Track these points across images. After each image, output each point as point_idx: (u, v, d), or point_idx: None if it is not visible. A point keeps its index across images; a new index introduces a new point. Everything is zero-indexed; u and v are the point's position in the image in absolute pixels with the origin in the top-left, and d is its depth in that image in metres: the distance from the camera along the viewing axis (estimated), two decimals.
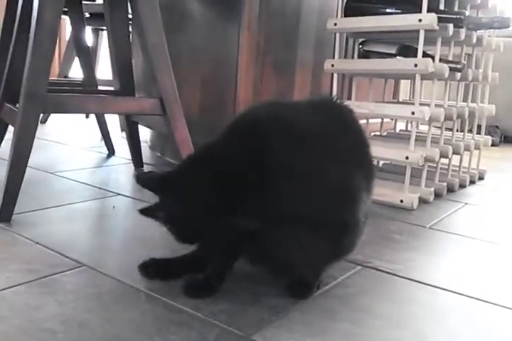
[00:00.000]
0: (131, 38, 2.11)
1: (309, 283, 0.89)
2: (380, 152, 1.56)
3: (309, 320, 0.81)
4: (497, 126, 3.15)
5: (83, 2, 2.06)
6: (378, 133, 1.97)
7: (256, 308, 0.83)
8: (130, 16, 1.76)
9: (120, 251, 1.07)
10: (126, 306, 0.81)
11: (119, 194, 1.48)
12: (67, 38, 3.21)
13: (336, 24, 1.61)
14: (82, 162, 1.94)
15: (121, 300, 0.83)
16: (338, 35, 1.66)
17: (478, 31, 1.71)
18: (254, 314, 0.81)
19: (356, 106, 1.60)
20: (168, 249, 1.09)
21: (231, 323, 0.77)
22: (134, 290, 0.87)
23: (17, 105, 1.30)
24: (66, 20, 2.47)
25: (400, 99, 2.25)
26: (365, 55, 1.70)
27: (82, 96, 1.36)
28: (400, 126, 2.17)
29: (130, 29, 2.02)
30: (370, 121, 1.85)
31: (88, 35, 2.96)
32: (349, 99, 1.77)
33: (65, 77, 2.90)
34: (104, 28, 2.87)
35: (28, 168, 1.21)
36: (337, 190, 0.84)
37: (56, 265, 0.95)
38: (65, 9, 2.03)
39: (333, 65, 1.62)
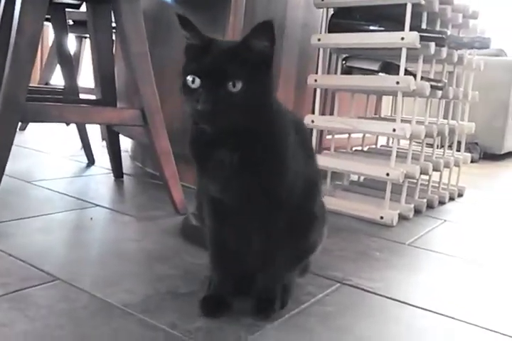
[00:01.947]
0: (114, 46, 2.10)
1: (272, 298, 0.87)
2: (362, 168, 1.57)
3: (286, 340, 0.79)
4: (477, 143, 3.20)
5: (66, 9, 2.04)
6: (360, 148, 1.98)
7: (233, 327, 0.81)
8: (114, 25, 1.75)
9: (96, 265, 1.05)
10: (99, 322, 0.79)
11: (97, 205, 1.46)
12: (50, 44, 3.17)
13: (319, 39, 1.62)
14: (61, 171, 1.91)
15: (95, 316, 0.81)
16: (321, 50, 1.67)
17: (459, 50, 1.74)
18: (231, 332, 0.79)
19: (339, 122, 1.61)
20: (144, 264, 1.07)
21: None
22: (109, 306, 0.85)
23: None
24: (50, 26, 2.45)
25: (382, 115, 2.27)
26: (348, 70, 1.71)
27: (62, 106, 1.34)
28: (382, 140, 2.18)
29: (114, 37, 2.01)
30: (352, 135, 1.86)
31: (71, 42, 2.94)
32: (331, 113, 1.78)
33: (47, 83, 2.86)
34: (88, 35, 2.85)
35: (4, 176, 1.18)
36: (312, 181, 0.89)
37: (28, 278, 0.92)
38: (48, 16, 2.01)
39: (316, 80, 1.63)
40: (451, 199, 1.94)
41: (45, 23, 2.28)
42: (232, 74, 0.72)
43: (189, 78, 0.73)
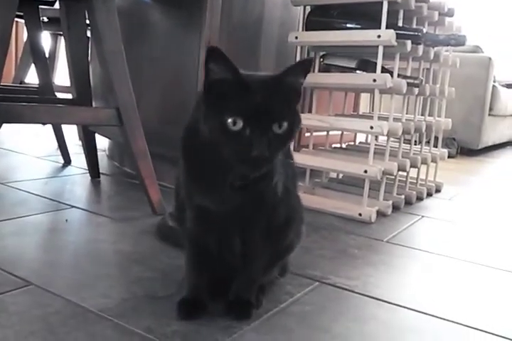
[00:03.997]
0: (89, 44, 2.07)
1: (247, 299, 0.86)
2: (340, 165, 1.57)
3: None
4: (454, 138, 3.23)
5: (40, 6, 2.00)
6: (339, 145, 1.98)
7: (210, 329, 0.80)
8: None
9: (70, 268, 1.03)
10: (73, 328, 0.78)
11: (73, 206, 1.43)
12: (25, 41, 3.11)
13: (297, 37, 1.61)
14: (36, 172, 1.87)
15: (69, 321, 0.80)
16: (299, 48, 1.66)
17: (435, 47, 1.75)
18: (207, 335, 0.79)
19: (317, 119, 1.61)
20: (121, 266, 1.06)
21: None
22: (83, 311, 0.83)
23: None
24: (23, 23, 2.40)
25: (361, 112, 2.28)
26: (325, 68, 1.71)
27: (34, 106, 1.31)
28: (361, 137, 2.19)
29: (89, 34, 1.98)
30: (331, 133, 1.86)
31: (47, 40, 2.89)
32: (310, 111, 1.78)
33: (21, 82, 2.80)
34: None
35: None
36: (290, 181, 0.88)
37: (0, 284, 0.90)
38: (21, 13, 1.97)
39: None
40: (429, 195, 1.96)
41: (19, 20, 2.24)
42: (280, 115, 0.70)
43: (230, 120, 0.68)
